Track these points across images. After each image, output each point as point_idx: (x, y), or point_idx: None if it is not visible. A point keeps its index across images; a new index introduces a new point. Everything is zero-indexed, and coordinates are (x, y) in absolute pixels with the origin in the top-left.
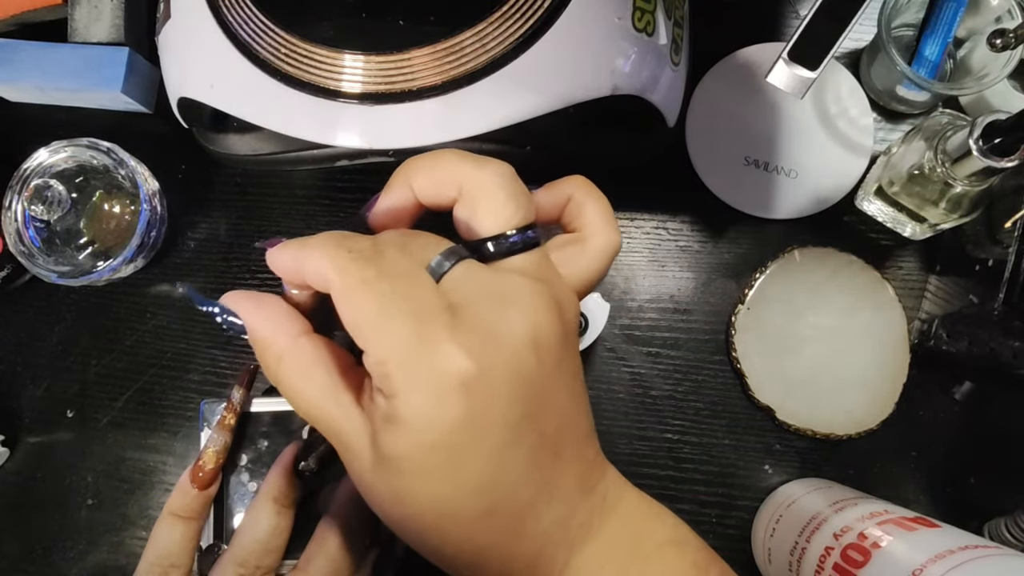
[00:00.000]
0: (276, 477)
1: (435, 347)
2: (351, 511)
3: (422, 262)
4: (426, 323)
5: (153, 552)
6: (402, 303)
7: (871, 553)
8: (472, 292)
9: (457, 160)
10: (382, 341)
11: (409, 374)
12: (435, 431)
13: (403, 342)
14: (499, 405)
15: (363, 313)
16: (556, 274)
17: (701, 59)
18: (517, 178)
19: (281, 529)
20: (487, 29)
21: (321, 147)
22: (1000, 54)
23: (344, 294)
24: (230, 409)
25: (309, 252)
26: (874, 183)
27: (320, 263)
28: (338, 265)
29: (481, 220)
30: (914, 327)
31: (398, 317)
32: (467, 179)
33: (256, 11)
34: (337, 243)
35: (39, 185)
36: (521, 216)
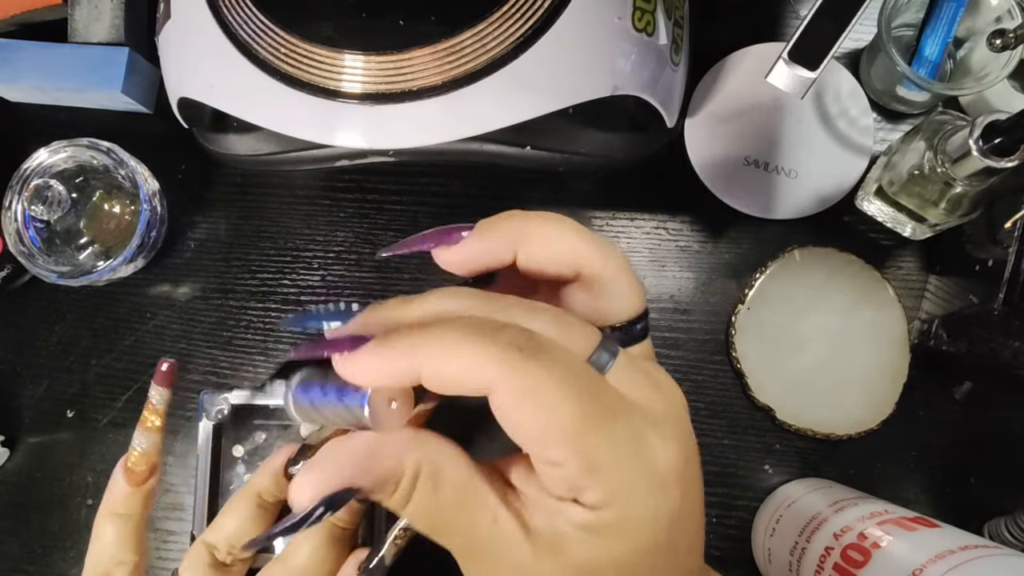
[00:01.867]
0: (264, 475)
1: (646, 445)
2: (342, 509)
3: (582, 354)
4: (632, 423)
5: (96, 551)
6: (600, 404)
7: (871, 553)
8: (633, 385)
9: (581, 239)
10: (593, 448)
11: (629, 478)
12: (658, 528)
13: (617, 445)
14: (699, 489)
15: (563, 418)
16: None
17: (701, 59)
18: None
19: (260, 521)
20: (487, 29)
21: (321, 147)
22: (1000, 54)
23: (526, 399)
24: (151, 410)
25: (445, 351)
26: (874, 183)
27: (474, 366)
28: (511, 365)
29: (613, 306)
30: (914, 327)
31: (607, 419)
32: (595, 263)
33: (256, 11)
34: (490, 338)
35: (39, 185)
36: (643, 303)
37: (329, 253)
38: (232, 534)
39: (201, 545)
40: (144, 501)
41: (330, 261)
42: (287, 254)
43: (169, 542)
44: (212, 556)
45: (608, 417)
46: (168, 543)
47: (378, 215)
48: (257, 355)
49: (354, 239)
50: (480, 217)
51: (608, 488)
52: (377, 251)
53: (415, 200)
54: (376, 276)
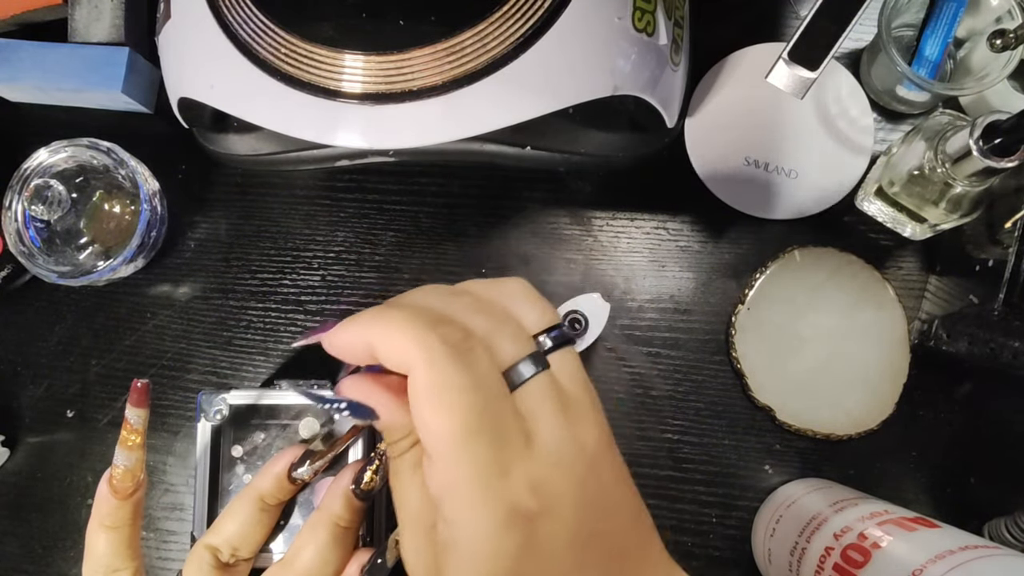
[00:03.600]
0: (267, 478)
1: (506, 477)
2: (342, 507)
3: (505, 362)
4: (503, 448)
5: (91, 563)
6: (488, 422)
7: (871, 553)
8: (542, 407)
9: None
10: (458, 460)
11: (476, 503)
12: (496, 565)
13: (478, 468)
14: (565, 532)
15: (448, 424)
16: (583, 371)
17: (701, 59)
18: (532, 287)
19: (263, 523)
20: (487, 29)
21: (321, 147)
22: (1000, 54)
23: (432, 395)
24: (129, 430)
25: (390, 330)
26: (874, 183)
27: (406, 346)
28: (429, 356)
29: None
30: (914, 327)
31: (481, 439)
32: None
33: (256, 11)
34: (427, 323)
35: (39, 185)
36: (549, 318)
37: (329, 253)
38: (234, 536)
39: (203, 548)
40: (133, 512)
41: (330, 261)
42: (287, 254)
43: (169, 542)
44: (215, 558)
45: (491, 441)
46: (168, 543)
47: (378, 215)
48: (257, 355)
49: (354, 239)
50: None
51: (454, 513)
52: (373, 253)
53: (415, 200)
54: (376, 276)
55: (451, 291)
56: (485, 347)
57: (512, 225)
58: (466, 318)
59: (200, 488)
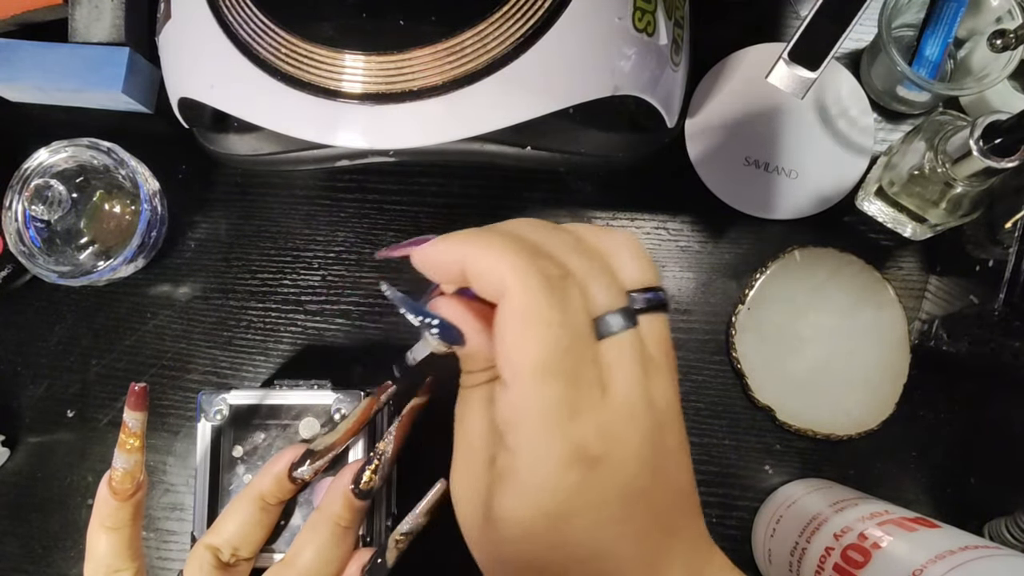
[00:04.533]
0: (268, 478)
1: (576, 419)
2: (342, 507)
3: (597, 309)
4: (579, 391)
5: (92, 564)
6: (569, 363)
7: (871, 553)
8: (622, 361)
9: (584, 226)
10: (533, 393)
11: (543, 437)
12: (551, 499)
13: (551, 403)
14: (619, 482)
15: (532, 355)
16: (670, 339)
17: (701, 59)
18: (641, 244)
19: (263, 523)
20: (487, 29)
21: (321, 147)
22: (1000, 54)
23: (522, 323)
24: (128, 433)
25: (489, 251)
26: (874, 183)
27: (502, 270)
28: (524, 284)
29: (625, 273)
30: (914, 327)
31: (560, 377)
32: (596, 239)
33: (256, 11)
34: (528, 252)
35: (39, 185)
36: (650, 276)
37: (329, 253)
38: (234, 536)
39: (203, 548)
40: (134, 513)
41: (330, 261)
42: (287, 254)
43: (169, 542)
44: (216, 558)
45: (568, 378)
46: (168, 543)
47: (378, 215)
48: (257, 355)
49: (354, 239)
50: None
51: (519, 443)
52: (376, 251)
53: (415, 200)
54: (376, 276)
55: (555, 227)
56: (580, 289)
57: None
58: (566, 256)
59: (200, 488)
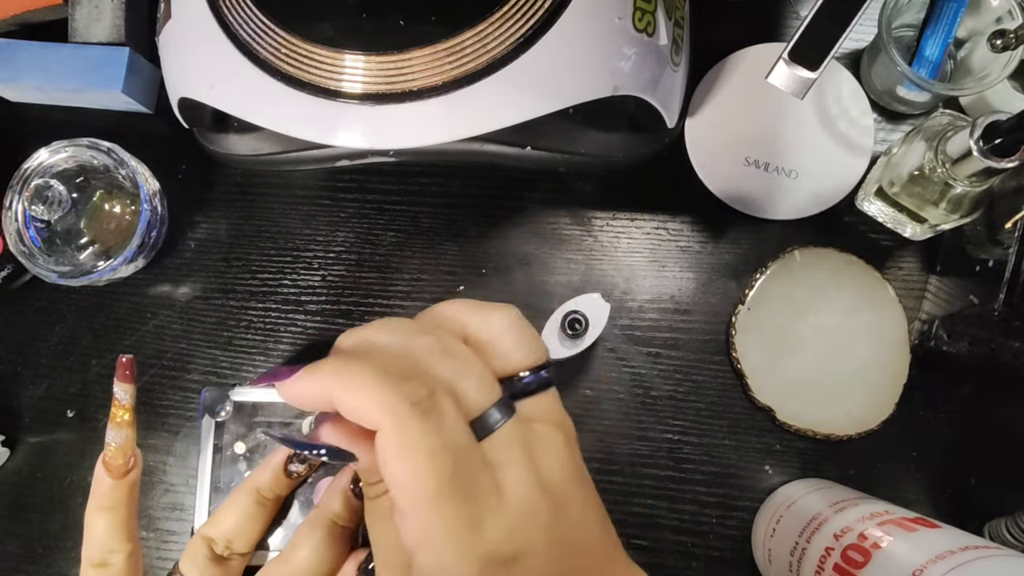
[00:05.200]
0: (264, 471)
1: (479, 531)
2: (341, 506)
3: (472, 411)
4: (476, 503)
5: (88, 544)
6: (460, 480)
7: (871, 553)
8: (510, 455)
9: (461, 307)
10: (432, 518)
11: (451, 556)
12: None
13: (451, 523)
14: (542, 570)
15: (421, 486)
16: (563, 413)
17: (701, 59)
18: (522, 321)
19: (259, 518)
20: (487, 29)
21: (321, 147)
22: (1000, 55)
23: (400, 456)
24: (117, 406)
25: (353, 389)
26: (874, 183)
27: (370, 407)
28: (395, 418)
29: (501, 361)
30: (914, 327)
31: (455, 497)
32: (475, 326)
33: (256, 11)
34: (391, 382)
35: (39, 185)
36: (534, 358)
37: (329, 253)
38: (229, 530)
39: (200, 539)
40: (129, 492)
41: (330, 261)
42: (287, 254)
43: (169, 542)
44: (211, 550)
45: (464, 498)
46: (168, 543)
47: (378, 215)
48: (257, 355)
49: (354, 239)
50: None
51: (429, 564)
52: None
53: (415, 200)
54: (376, 276)
55: (414, 329)
56: (452, 398)
57: (512, 225)
58: (431, 363)
59: (202, 484)
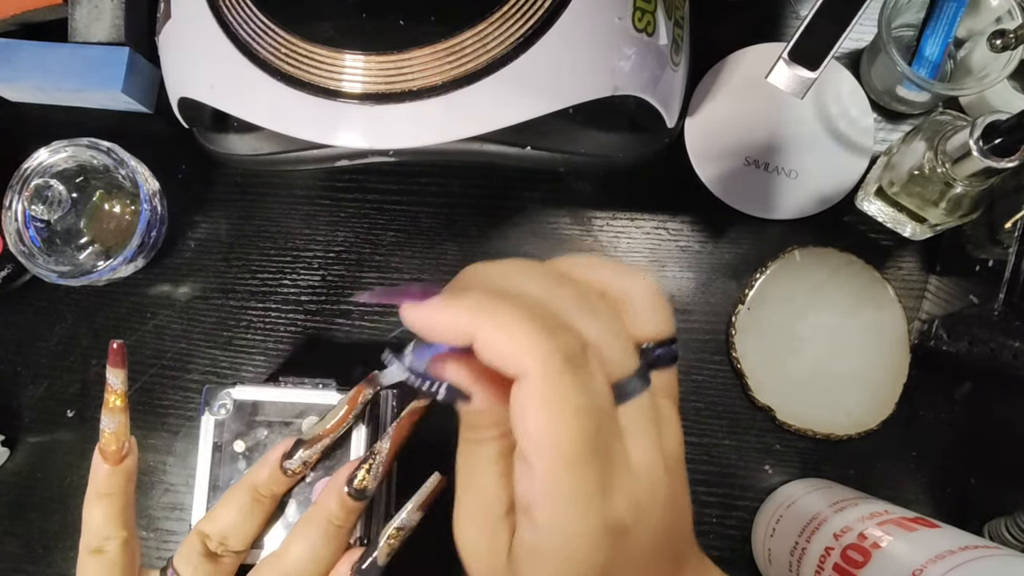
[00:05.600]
0: (261, 467)
1: (608, 497)
2: (336, 506)
3: (614, 375)
4: (610, 469)
5: (86, 532)
6: (599, 444)
7: (871, 553)
8: (641, 425)
9: (604, 266)
10: (565, 477)
11: (576, 516)
12: (585, 569)
13: (584, 486)
14: (647, 545)
15: (562, 442)
16: (677, 385)
17: (701, 59)
18: (660, 290)
19: (255, 515)
20: (487, 29)
21: (321, 147)
22: (1000, 54)
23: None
24: (110, 392)
25: (503, 331)
26: (874, 183)
27: (520, 353)
28: (546, 369)
29: (634, 326)
30: (914, 327)
31: (592, 460)
32: (617, 287)
33: (256, 11)
34: (546, 330)
35: (39, 185)
36: (668, 330)
37: (329, 253)
38: (225, 527)
39: (195, 535)
40: (126, 479)
41: (330, 261)
42: (287, 254)
43: (169, 542)
44: (205, 546)
45: (593, 458)
46: (168, 543)
47: (378, 215)
48: (257, 355)
49: (354, 239)
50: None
51: (550, 521)
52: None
53: (415, 200)
54: (376, 276)
55: (561, 279)
56: (599, 358)
57: (512, 225)
58: (579, 319)
59: (200, 481)
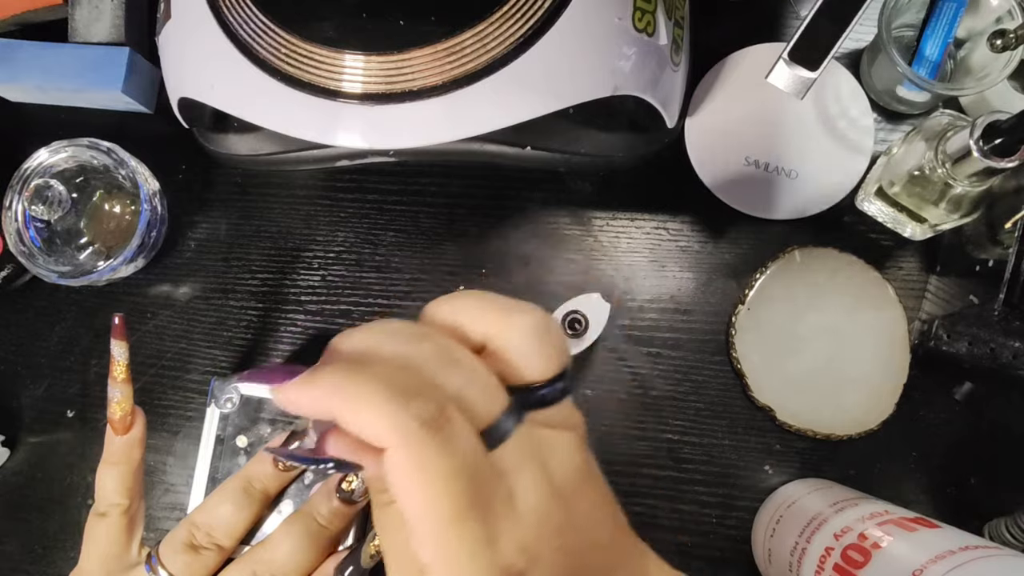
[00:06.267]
0: (256, 462)
1: (494, 545)
2: (323, 505)
3: (483, 421)
4: (491, 519)
5: (97, 496)
6: (475, 499)
7: (871, 553)
8: (520, 462)
9: (485, 309)
10: (447, 537)
11: (466, 572)
12: None
13: (467, 541)
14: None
15: (432, 510)
16: (575, 412)
17: (701, 59)
18: (549, 327)
19: (245, 509)
20: (487, 29)
21: (321, 147)
22: (1000, 55)
23: (411, 479)
24: (114, 363)
25: (358, 405)
26: (874, 183)
27: (378, 426)
28: (405, 439)
29: (513, 370)
30: (914, 327)
31: (470, 516)
32: (496, 331)
33: (256, 11)
34: (399, 399)
35: (39, 185)
36: (554, 368)
37: (329, 253)
38: (214, 518)
39: (183, 524)
40: (130, 447)
41: (330, 261)
42: (287, 254)
43: None
44: (191, 537)
45: (472, 513)
46: None
47: (378, 215)
48: (258, 355)
49: (354, 239)
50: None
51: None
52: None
53: (415, 200)
54: (376, 276)
55: (415, 334)
56: (461, 410)
57: (512, 225)
58: (435, 372)
59: (200, 473)
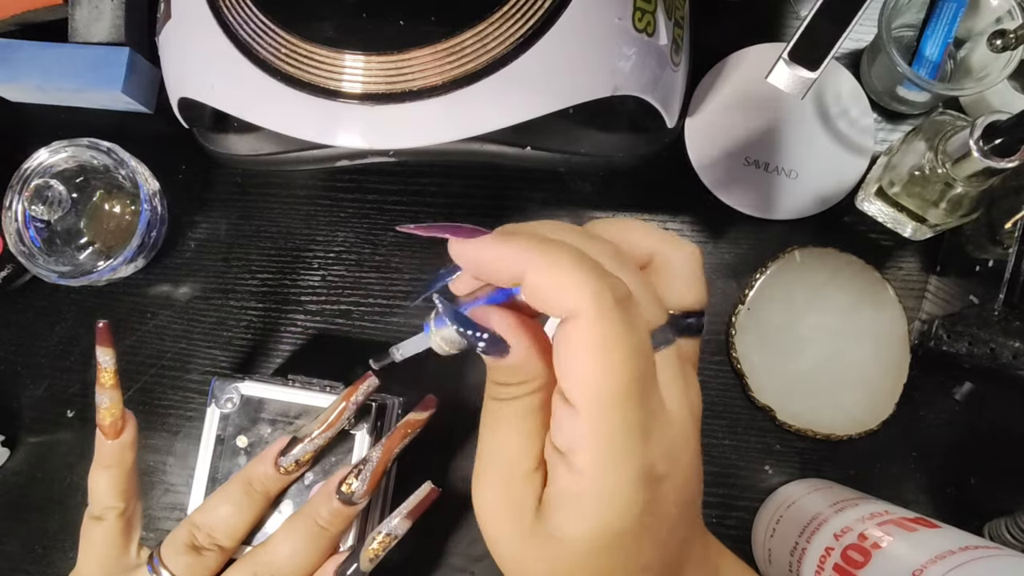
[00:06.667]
0: (257, 462)
1: (647, 441)
2: (324, 506)
3: (651, 324)
4: (650, 414)
5: (91, 499)
6: (643, 387)
7: (871, 554)
8: (672, 374)
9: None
10: (611, 419)
11: (618, 460)
12: (620, 519)
13: (628, 428)
14: (678, 497)
15: (609, 384)
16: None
17: (701, 59)
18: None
19: (245, 510)
20: (487, 29)
21: (321, 147)
22: (1000, 55)
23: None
24: (101, 370)
25: (558, 267)
26: (874, 183)
27: (574, 291)
28: (600, 309)
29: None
30: (914, 327)
31: (636, 403)
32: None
33: (256, 11)
34: (597, 271)
35: (39, 185)
36: (701, 302)
37: (329, 253)
38: (215, 519)
39: (184, 525)
40: (122, 451)
41: (330, 261)
42: (287, 254)
43: None
44: (192, 538)
45: (639, 400)
46: None
47: (378, 215)
48: (257, 355)
49: (354, 239)
50: (480, 217)
51: (591, 465)
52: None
53: (415, 200)
54: (376, 276)
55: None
56: (640, 305)
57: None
58: (617, 271)
59: (200, 473)
